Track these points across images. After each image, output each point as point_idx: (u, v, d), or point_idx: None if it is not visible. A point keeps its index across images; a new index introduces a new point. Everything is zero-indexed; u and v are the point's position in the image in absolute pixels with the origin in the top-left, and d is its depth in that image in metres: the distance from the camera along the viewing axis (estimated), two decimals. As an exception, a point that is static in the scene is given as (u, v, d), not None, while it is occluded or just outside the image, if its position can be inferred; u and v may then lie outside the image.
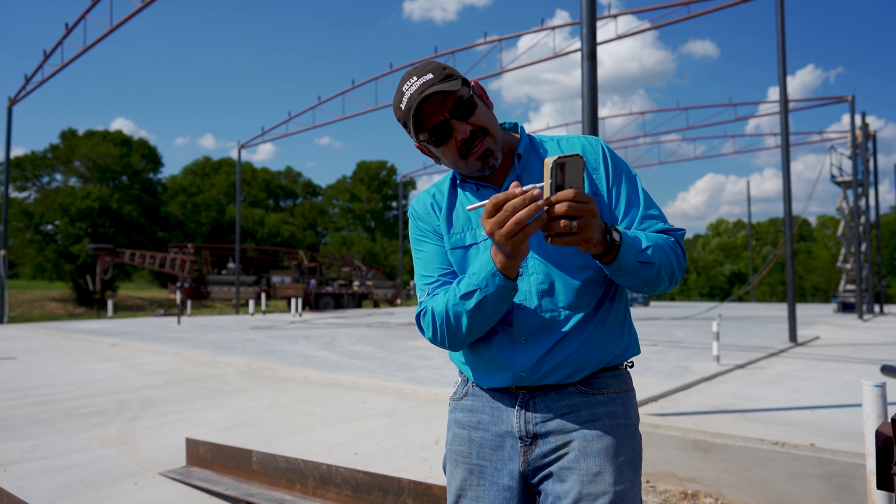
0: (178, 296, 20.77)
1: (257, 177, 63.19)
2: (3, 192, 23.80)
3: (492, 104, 1.35)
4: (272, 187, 65.08)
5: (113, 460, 3.94)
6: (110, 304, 23.82)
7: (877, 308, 23.58)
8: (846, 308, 21.59)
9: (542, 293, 1.28)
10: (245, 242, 48.41)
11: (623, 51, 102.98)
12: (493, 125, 1.30)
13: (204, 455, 3.54)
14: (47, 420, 5.10)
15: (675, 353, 8.32)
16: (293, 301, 22.91)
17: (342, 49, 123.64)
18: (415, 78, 1.24)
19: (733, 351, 8.37)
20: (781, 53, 10.15)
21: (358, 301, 31.30)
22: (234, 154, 53.57)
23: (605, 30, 31.71)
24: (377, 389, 6.44)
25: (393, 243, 60.28)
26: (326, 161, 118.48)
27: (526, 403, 1.30)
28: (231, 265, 29.24)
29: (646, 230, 1.30)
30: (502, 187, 1.32)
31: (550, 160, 1.04)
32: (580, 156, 1.06)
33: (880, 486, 1.33)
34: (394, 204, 68.35)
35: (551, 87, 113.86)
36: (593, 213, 1.06)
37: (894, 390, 3.32)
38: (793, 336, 9.81)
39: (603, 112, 65.94)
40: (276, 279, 28.74)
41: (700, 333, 12.18)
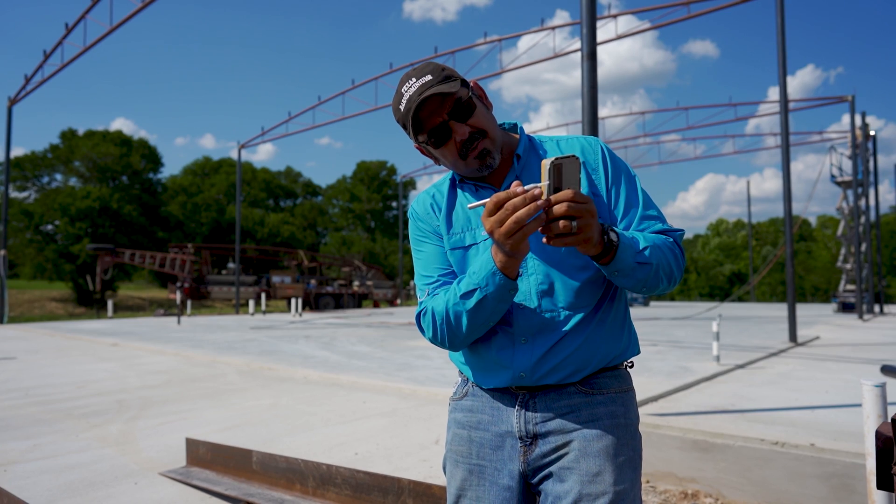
0: (178, 296, 20.77)
1: (257, 177, 63.23)
2: (3, 192, 23.80)
3: (491, 105, 1.35)
4: (272, 187, 65.11)
5: (113, 460, 3.94)
6: (110, 304, 23.83)
7: (877, 308, 23.57)
8: (846, 308, 21.59)
9: (542, 293, 1.28)
10: (245, 242, 48.42)
11: (623, 51, 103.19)
12: (492, 126, 1.30)
13: (204, 455, 3.54)
14: (47, 420, 5.10)
15: (675, 353, 8.32)
16: (293, 301, 22.91)
17: (342, 49, 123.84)
18: (414, 79, 1.24)
19: (733, 351, 8.37)
20: (781, 53, 10.16)
21: (358, 301, 31.31)
22: (234, 154, 53.61)
23: (605, 30, 31.73)
24: (377, 389, 6.44)
25: (393, 243, 60.29)
26: (326, 161, 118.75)
27: (526, 403, 1.31)
28: (231, 265, 29.25)
29: (644, 231, 1.30)
30: (501, 188, 1.33)
31: (547, 161, 1.05)
32: (576, 157, 1.06)
33: (880, 486, 1.33)
34: (394, 204, 68.37)
35: (551, 87, 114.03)
36: (592, 213, 1.06)
37: (894, 390, 3.32)
38: (793, 336, 9.81)
39: (603, 112, 65.98)
40: (276, 279, 28.74)
41: (700, 333, 12.19)
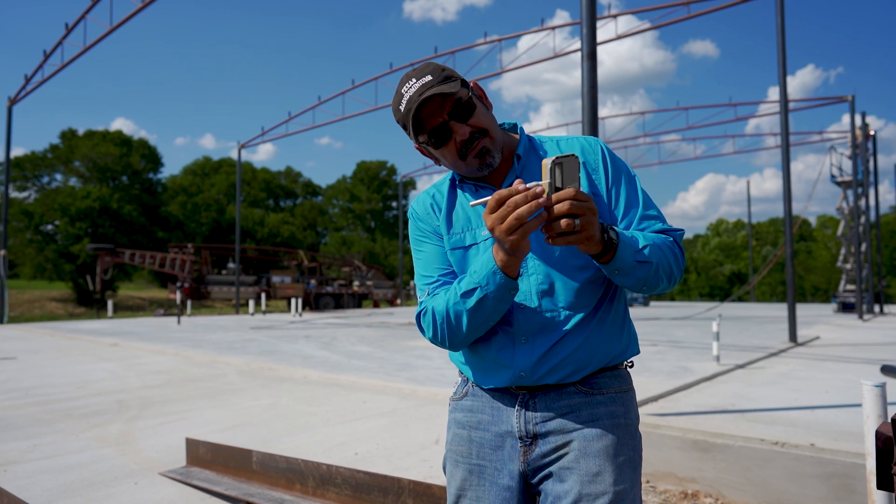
0: (178, 296, 20.77)
1: (257, 177, 63.22)
2: (3, 192, 23.81)
3: (491, 105, 1.35)
4: (272, 187, 65.10)
5: (113, 460, 3.94)
6: (110, 304, 23.82)
7: (877, 308, 23.57)
8: (846, 308, 21.58)
9: (542, 293, 1.28)
10: (245, 242, 48.42)
11: (623, 51, 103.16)
12: (493, 126, 1.30)
13: (204, 455, 3.54)
14: (47, 420, 5.10)
15: (675, 353, 8.32)
16: (293, 301, 22.91)
17: (342, 49, 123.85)
18: (414, 80, 1.24)
19: (733, 351, 8.37)
20: (781, 53, 10.15)
21: (358, 301, 31.31)
22: (234, 154, 53.58)
23: (605, 30, 31.74)
24: (377, 389, 6.44)
25: (393, 243, 60.29)
26: (326, 161, 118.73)
27: (526, 403, 1.31)
28: (231, 265, 29.26)
29: (644, 230, 1.31)
30: (502, 188, 1.32)
31: (548, 160, 1.05)
32: (577, 156, 1.07)
33: (880, 486, 1.33)
34: (394, 204, 68.37)
35: (551, 87, 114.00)
36: (593, 212, 1.07)
37: (894, 390, 3.31)
38: (793, 336, 9.81)
39: (603, 112, 65.99)
40: (276, 279, 28.74)
41: (700, 333, 12.18)
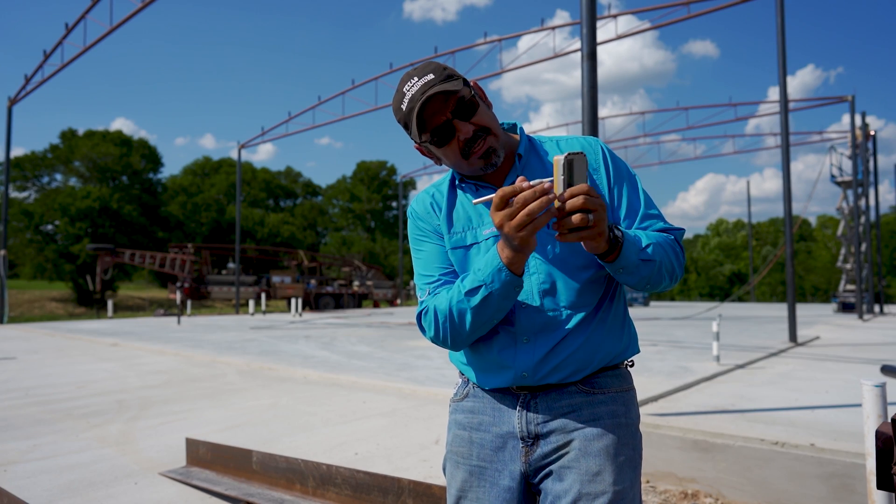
0: (178, 296, 20.78)
1: (257, 177, 63.21)
2: (3, 192, 23.80)
3: (491, 104, 1.35)
4: (272, 187, 65.09)
5: (113, 460, 3.94)
6: (110, 304, 23.82)
7: (877, 308, 23.56)
8: (846, 308, 21.58)
9: (544, 293, 1.28)
10: (245, 242, 48.42)
11: (623, 51, 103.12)
12: (495, 124, 1.31)
13: (204, 455, 3.54)
14: (47, 420, 5.10)
15: (675, 353, 8.32)
16: (293, 301, 22.90)
17: (342, 49, 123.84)
18: (416, 79, 1.23)
19: (733, 351, 8.37)
20: (781, 53, 10.15)
21: (358, 301, 31.30)
22: (234, 154, 53.59)
23: (605, 30, 31.71)
24: (377, 389, 6.44)
25: (393, 243, 60.28)
26: (326, 161, 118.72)
27: (527, 404, 1.30)
28: (231, 265, 29.25)
29: (646, 229, 1.32)
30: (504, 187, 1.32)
31: (561, 157, 1.07)
32: (585, 154, 1.09)
33: (880, 486, 1.33)
34: (394, 204, 68.37)
35: (551, 87, 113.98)
36: (604, 208, 1.09)
37: (894, 390, 3.31)
38: (793, 336, 9.81)
39: (603, 112, 65.96)
40: (276, 279, 28.74)
41: (700, 333, 12.18)
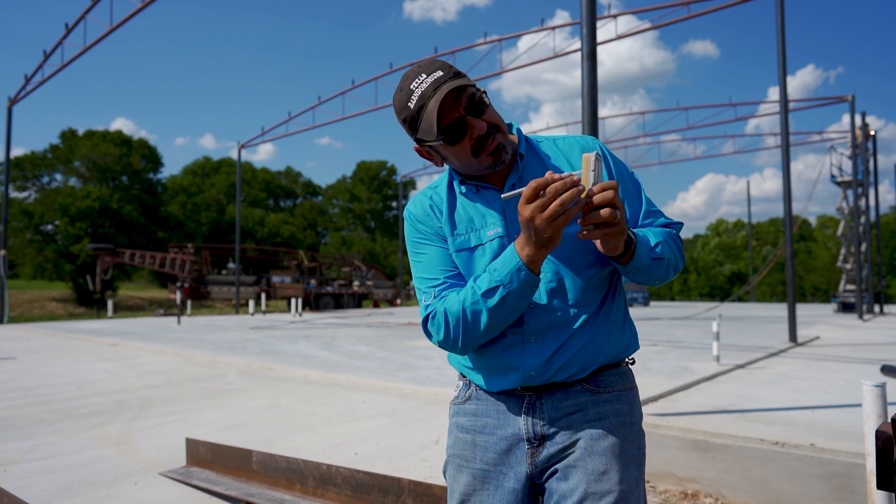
0: (178, 296, 20.77)
1: (257, 177, 63.21)
2: (3, 192, 23.80)
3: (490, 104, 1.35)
4: (272, 187, 65.10)
5: (113, 460, 3.94)
6: (110, 304, 23.82)
7: (877, 308, 23.56)
8: (846, 308, 21.57)
9: (552, 291, 1.28)
10: (245, 242, 48.41)
11: (623, 51, 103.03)
12: (502, 122, 1.30)
13: (204, 455, 3.54)
14: (47, 420, 5.10)
15: (675, 353, 8.32)
16: (293, 301, 22.89)
17: (342, 49, 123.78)
18: (424, 75, 1.21)
19: (733, 351, 8.37)
20: (781, 53, 10.15)
21: (358, 301, 31.30)
22: (234, 154, 53.59)
23: (605, 30, 31.69)
24: (377, 389, 6.44)
25: (393, 243, 60.29)
26: (326, 161, 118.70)
27: (533, 405, 1.30)
28: (231, 265, 29.24)
29: (649, 226, 1.34)
30: (504, 188, 1.32)
31: (591, 154, 1.11)
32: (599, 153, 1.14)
33: (880, 486, 1.33)
34: (394, 204, 68.37)
35: (551, 87, 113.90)
36: (623, 207, 1.11)
37: (894, 390, 3.31)
38: (793, 336, 9.81)
39: (603, 112, 65.96)
40: (276, 279, 28.74)
41: (700, 333, 12.18)
